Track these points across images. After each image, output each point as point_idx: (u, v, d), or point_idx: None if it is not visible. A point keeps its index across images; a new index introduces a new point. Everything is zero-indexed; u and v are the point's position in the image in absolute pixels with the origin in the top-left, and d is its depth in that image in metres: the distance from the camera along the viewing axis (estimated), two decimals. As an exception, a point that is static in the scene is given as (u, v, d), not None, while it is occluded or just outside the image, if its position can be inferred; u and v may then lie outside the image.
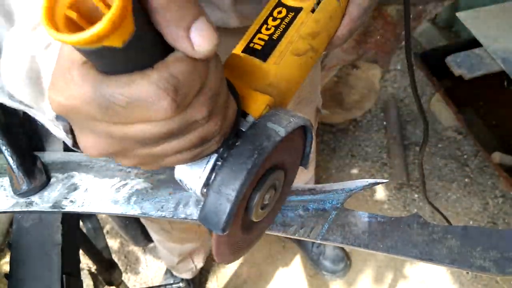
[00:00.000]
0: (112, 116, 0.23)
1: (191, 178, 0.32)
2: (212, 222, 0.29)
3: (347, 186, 0.47)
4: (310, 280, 1.52)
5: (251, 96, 0.33)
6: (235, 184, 0.28)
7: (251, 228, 0.39)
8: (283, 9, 0.39)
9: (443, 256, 0.44)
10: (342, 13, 0.42)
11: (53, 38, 0.20)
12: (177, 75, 0.22)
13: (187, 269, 1.40)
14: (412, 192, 1.66)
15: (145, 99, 0.22)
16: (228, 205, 0.28)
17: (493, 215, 1.59)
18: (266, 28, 0.38)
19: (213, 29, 0.23)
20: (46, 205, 0.47)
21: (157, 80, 0.22)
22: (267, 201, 0.35)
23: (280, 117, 0.31)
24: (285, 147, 0.34)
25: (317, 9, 0.39)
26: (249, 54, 0.36)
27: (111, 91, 0.22)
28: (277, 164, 0.35)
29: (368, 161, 1.75)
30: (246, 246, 0.41)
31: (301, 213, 0.46)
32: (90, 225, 0.94)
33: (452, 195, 1.64)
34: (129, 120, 0.24)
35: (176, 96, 0.22)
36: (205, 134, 0.27)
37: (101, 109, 0.23)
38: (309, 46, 0.38)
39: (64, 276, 0.50)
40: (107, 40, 0.20)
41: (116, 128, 0.24)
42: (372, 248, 0.45)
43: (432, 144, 1.75)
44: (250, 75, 0.35)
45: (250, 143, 0.29)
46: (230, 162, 0.29)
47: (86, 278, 1.07)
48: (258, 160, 0.28)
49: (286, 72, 0.37)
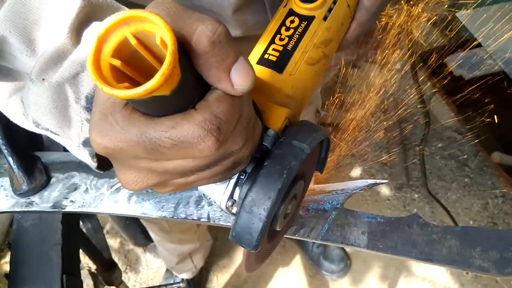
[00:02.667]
0: (156, 155, 0.24)
1: (215, 193, 0.33)
2: (245, 241, 0.30)
3: (347, 187, 0.47)
4: (310, 280, 1.51)
5: (270, 110, 0.33)
6: (267, 204, 0.29)
7: (274, 236, 0.40)
8: (295, 18, 0.39)
9: (443, 256, 0.44)
10: (351, 18, 0.42)
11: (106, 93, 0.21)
12: (219, 115, 0.23)
13: (187, 269, 1.40)
14: (412, 192, 1.66)
15: (190, 141, 0.23)
16: (261, 224, 0.29)
17: (493, 215, 1.59)
18: (280, 38, 0.38)
19: (250, 68, 0.24)
20: (46, 205, 0.47)
21: (201, 122, 0.23)
22: (289, 211, 0.35)
23: (304, 134, 0.32)
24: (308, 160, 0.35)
25: (329, 16, 0.39)
26: (265, 66, 0.36)
27: (157, 135, 0.23)
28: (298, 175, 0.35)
29: (368, 161, 1.75)
30: (268, 252, 0.42)
31: (301, 213, 0.46)
32: (90, 225, 0.94)
33: (452, 195, 1.64)
34: (172, 158, 0.24)
35: (219, 135, 0.23)
36: (238, 160, 0.28)
37: (146, 151, 0.23)
38: (322, 54, 0.39)
39: (64, 276, 0.50)
40: (157, 91, 0.20)
41: (158, 164, 0.25)
42: (372, 248, 0.45)
43: (432, 144, 1.75)
44: (268, 88, 0.36)
45: (278, 163, 0.30)
46: (260, 182, 0.29)
47: (86, 278, 1.06)
48: (287, 180, 0.29)
49: (302, 82, 0.37)
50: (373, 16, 0.43)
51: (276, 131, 0.33)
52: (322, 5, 0.39)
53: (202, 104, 0.23)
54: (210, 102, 0.23)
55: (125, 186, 0.28)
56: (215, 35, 0.22)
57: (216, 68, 0.23)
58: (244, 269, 0.38)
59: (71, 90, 0.32)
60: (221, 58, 0.22)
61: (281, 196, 0.29)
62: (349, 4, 0.41)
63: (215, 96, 0.23)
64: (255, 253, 0.37)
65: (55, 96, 0.32)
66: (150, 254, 1.57)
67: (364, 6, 0.42)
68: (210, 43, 0.22)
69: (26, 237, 0.52)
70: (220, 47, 0.22)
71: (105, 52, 0.21)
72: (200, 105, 0.23)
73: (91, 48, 0.21)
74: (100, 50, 0.21)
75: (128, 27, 0.21)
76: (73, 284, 0.51)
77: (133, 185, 0.27)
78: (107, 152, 0.25)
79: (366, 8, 0.42)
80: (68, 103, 0.32)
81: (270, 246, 0.41)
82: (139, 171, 0.26)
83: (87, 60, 0.21)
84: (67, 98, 0.32)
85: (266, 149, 0.32)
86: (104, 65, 0.21)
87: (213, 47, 0.22)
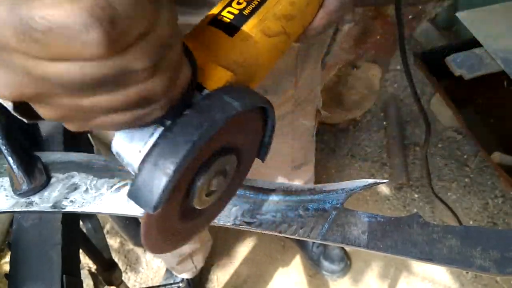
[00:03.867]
0: (30, 46, 0.19)
1: (130, 151, 0.28)
2: (143, 198, 0.24)
3: (347, 186, 0.47)
4: (310, 280, 1.51)
5: (211, 69, 0.30)
6: (176, 157, 0.24)
7: (192, 216, 0.34)
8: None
9: (443, 256, 0.44)
10: (319, 3, 0.40)
11: None
12: (116, 4, 0.19)
13: (187, 269, 1.40)
14: (412, 192, 1.66)
15: (72, 27, 0.18)
16: (165, 179, 0.24)
17: (493, 215, 1.59)
18: (238, 2, 0.35)
19: None
20: (46, 205, 0.47)
21: (89, 6, 0.18)
22: (214, 187, 0.31)
23: (239, 92, 0.28)
24: (240, 128, 0.31)
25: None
26: (216, 26, 0.33)
27: (30, 12, 0.18)
28: (229, 147, 0.31)
29: (368, 161, 1.75)
30: (185, 236, 0.36)
31: (301, 213, 0.46)
32: (90, 225, 0.94)
33: (452, 195, 1.64)
34: (50, 55, 0.19)
35: (111, 29, 0.19)
36: (146, 92, 0.23)
37: (17, 35, 0.19)
38: (282, 28, 0.36)
39: (64, 276, 0.50)
40: None
41: (35, 63, 0.20)
42: (372, 248, 0.45)
43: (432, 144, 1.75)
44: (214, 48, 0.32)
45: (200, 113, 0.25)
46: (173, 132, 0.25)
47: (86, 278, 1.07)
48: (207, 133, 0.24)
49: (254, 51, 0.34)
50: (342, 6, 0.40)
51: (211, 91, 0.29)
52: None
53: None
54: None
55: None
56: None
57: None
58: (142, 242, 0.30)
59: None
60: None
61: (195, 151, 0.24)
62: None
63: None
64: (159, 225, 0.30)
65: None
66: (150, 254, 1.57)
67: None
68: None
69: (26, 237, 0.52)
70: None
71: None
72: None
73: None
74: None
75: None
76: (73, 284, 0.51)
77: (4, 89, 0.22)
78: None
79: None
80: None
81: (188, 227, 0.35)
82: (13, 70, 0.21)
83: None
84: None
85: None
86: None
87: None
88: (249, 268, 1.54)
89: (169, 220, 0.31)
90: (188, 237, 0.36)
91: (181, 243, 0.36)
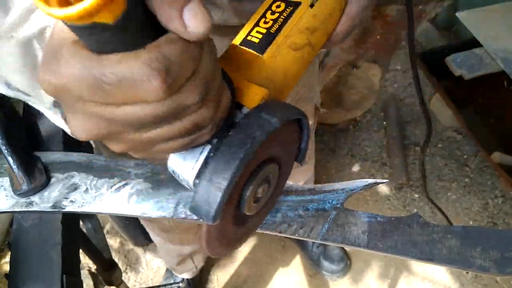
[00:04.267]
0: (102, 96, 0.23)
1: (184, 169, 0.32)
2: (203, 211, 0.28)
3: (347, 186, 0.47)
4: (310, 280, 1.51)
5: (247, 88, 0.33)
6: (227, 173, 0.27)
7: (244, 221, 0.38)
8: (281, 3, 0.39)
9: (443, 256, 0.44)
10: (341, 11, 0.42)
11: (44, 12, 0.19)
12: (169, 56, 0.22)
13: (187, 269, 1.40)
14: (412, 192, 1.66)
15: (136, 79, 0.22)
16: (219, 194, 0.27)
17: (493, 215, 1.59)
18: (264, 21, 0.38)
19: (206, 12, 0.22)
20: (46, 205, 0.47)
21: (148, 60, 0.22)
22: (260, 195, 0.34)
23: (274, 108, 0.31)
24: (280, 140, 0.34)
25: (316, 4, 0.39)
26: (247, 46, 0.36)
27: (101, 70, 0.22)
28: (271, 157, 0.34)
29: (368, 161, 1.75)
30: (238, 240, 0.40)
31: (301, 213, 0.46)
32: (90, 225, 0.94)
33: (452, 195, 1.64)
34: (119, 101, 0.23)
35: (167, 76, 0.22)
36: (198, 121, 0.26)
37: (90, 89, 0.22)
38: (307, 40, 0.38)
39: (64, 276, 0.50)
40: (98, 16, 0.19)
41: (106, 109, 0.24)
42: (372, 248, 0.45)
43: (432, 144, 1.75)
44: (247, 67, 0.35)
45: (242, 132, 0.29)
46: (221, 151, 0.28)
47: (86, 278, 1.07)
48: (250, 149, 0.28)
49: (283, 66, 0.37)
50: (363, 10, 0.42)
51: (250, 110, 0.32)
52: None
53: (153, 44, 0.22)
54: (160, 43, 0.22)
55: (74, 133, 0.26)
56: None
57: (168, 5, 0.22)
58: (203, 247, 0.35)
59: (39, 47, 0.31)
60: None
61: (242, 166, 0.28)
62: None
63: (167, 37, 0.22)
64: (217, 232, 0.35)
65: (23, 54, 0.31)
66: (150, 254, 1.57)
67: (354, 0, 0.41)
68: None
69: (26, 237, 0.52)
70: None
71: None
72: (150, 45, 0.22)
73: None
74: None
75: None
76: (73, 284, 0.51)
77: (82, 133, 0.26)
78: (53, 90, 0.24)
79: (356, 1, 0.41)
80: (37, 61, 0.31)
81: (238, 231, 0.39)
82: (88, 116, 0.25)
83: None
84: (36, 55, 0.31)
85: None
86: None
87: None
88: (249, 268, 1.54)
89: (225, 227, 0.35)
90: (241, 240, 0.40)
91: (236, 246, 0.40)
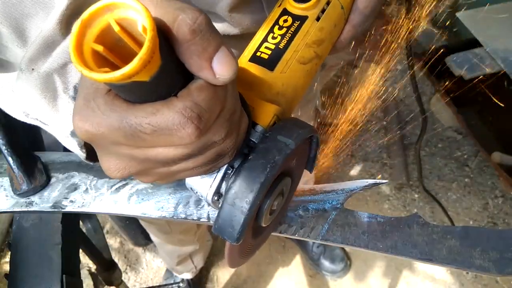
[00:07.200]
0: (137, 141, 0.24)
1: (202, 187, 0.33)
2: (227, 233, 0.30)
3: (347, 186, 0.47)
4: (310, 280, 1.51)
5: (259, 106, 0.34)
6: (249, 197, 0.29)
7: (260, 232, 0.40)
8: (288, 18, 0.39)
9: (443, 256, 0.44)
10: (345, 20, 0.42)
11: (84, 75, 0.21)
12: (200, 103, 0.23)
13: (187, 270, 1.40)
14: (412, 192, 1.66)
15: (171, 127, 0.23)
16: (242, 217, 0.29)
17: (493, 215, 1.59)
18: (273, 37, 0.38)
19: (233, 57, 0.24)
20: (46, 205, 0.47)
21: (182, 109, 0.23)
22: (275, 207, 0.35)
23: (289, 130, 0.32)
24: (293, 156, 0.35)
25: (322, 17, 0.39)
26: (256, 63, 0.37)
27: (137, 121, 0.23)
28: (285, 171, 0.35)
29: (368, 161, 1.75)
30: (254, 249, 0.42)
31: (301, 213, 0.46)
32: (90, 225, 0.94)
33: (452, 195, 1.64)
34: (152, 145, 0.25)
35: (199, 123, 0.23)
36: (221, 151, 0.28)
37: (127, 137, 0.24)
38: (314, 53, 0.39)
39: (64, 276, 0.50)
40: (136, 77, 0.20)
41: (139, 151, 0.25)
42: (372, 248, 0.45)
43: (432, 144, 1.75)
44: (258, 84, 0.36)
45: (262, 157, 0.30)
46: (243, 176, 0.29)
47: (86, 278, 1.06)
48: (270, 174, 0.29)
49: (293, 81, 0.37)
50: (367, 19, 0.43)
51: (264, 127, 0.33)
52: (315, 5, 0.39)
53: (184, 92, 0.23)
54: (191, 91, 0.23)
55: (107, 173, 0.28)
56: (195, 24, 0.22)
57: (198, 57, 0.23)
58: (227, 263, 0.38)
59: (59, 80, 0.32)
60: (202, 47, 0.23)
61: (263, 189, 0.29)
62: (343, 5, 0.41)
63: (197, 84, 0.24)
64: (239, 247, 0.37)
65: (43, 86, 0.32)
66: (150, 254, 1.57)
67: (358, 8, 0.42)
68: (190, 32, 0.22)
69: (26, 237, 0.52)
70: (201, 36, 0.22)
71: (89, 37, 0.21)
72: (181, 93, 0.23)
73: (74, 31, 0.21)
74: (84, 35, 0.21)
75: (111, 13, 0.21)
76: (73, 284, 0.51)
77: (115, 172, 0.28)
78: (89, 137, 0.25)
79: (360, 10, 0.42)
80: (56, 93, 0.33)
81: (255, 242, 0.41)
82: (121, 158, 0.27)
83: (70, 42, 0.21)
84: (56, 88, 0.32)
85: (253, 144, 0.32)
86: (87, 50, 0.21)
87: (193, 35, 0.22)
88: (249, 268, 1.54)
89: (245, 240, 0.37)
90: (256, 249, 0.43)
91: (251, 255, 0.42)
